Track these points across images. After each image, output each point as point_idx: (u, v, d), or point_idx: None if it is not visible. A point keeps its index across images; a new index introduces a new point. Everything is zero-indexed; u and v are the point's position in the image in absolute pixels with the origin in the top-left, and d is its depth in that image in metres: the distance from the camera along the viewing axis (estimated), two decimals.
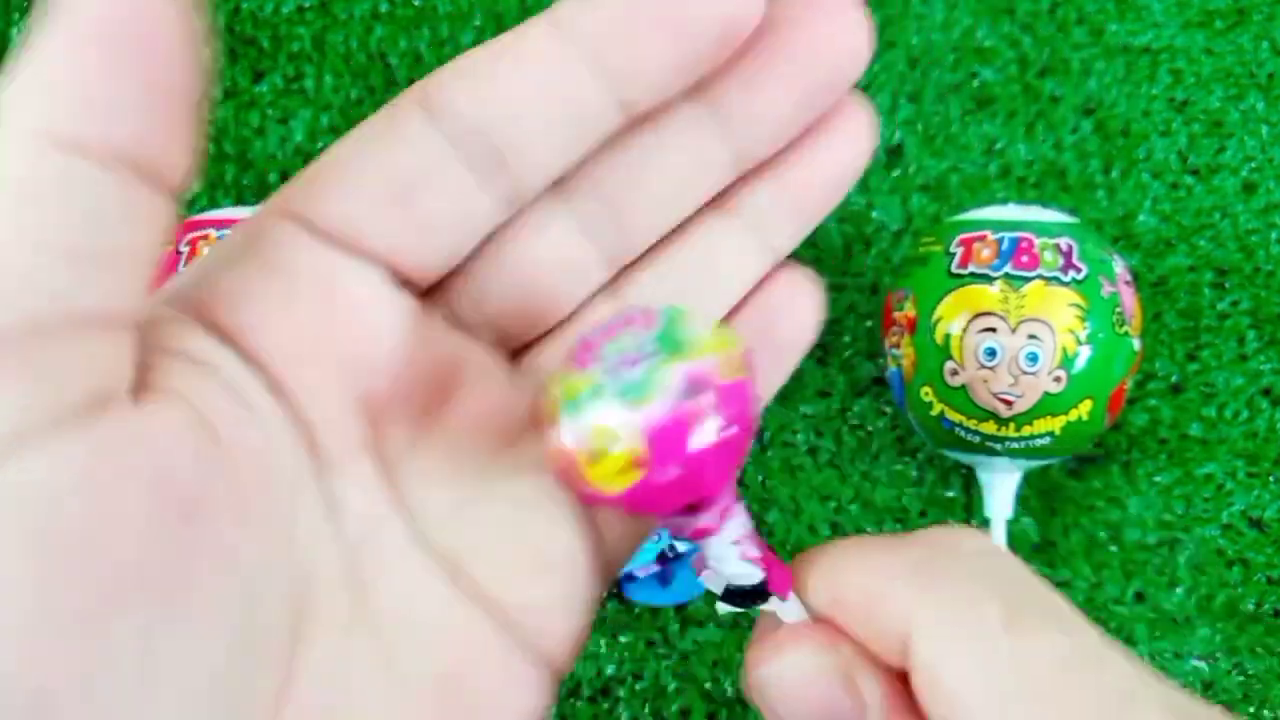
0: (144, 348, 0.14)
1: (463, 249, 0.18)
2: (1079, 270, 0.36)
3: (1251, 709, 0.42)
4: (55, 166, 0.12)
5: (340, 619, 0.15)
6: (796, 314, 0.20)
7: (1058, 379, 0.36)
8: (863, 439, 0.44)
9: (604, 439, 0.15)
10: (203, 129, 0.14)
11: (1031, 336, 0.36)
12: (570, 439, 0.15)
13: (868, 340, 0.45)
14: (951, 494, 0.44)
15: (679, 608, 0.42)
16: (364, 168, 0.16)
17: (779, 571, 0.17)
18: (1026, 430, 0.37)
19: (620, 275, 0.20)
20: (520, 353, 0.20)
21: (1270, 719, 0.42)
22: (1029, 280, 0.36)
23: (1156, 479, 0.44)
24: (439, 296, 0.18)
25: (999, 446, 0.38)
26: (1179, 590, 0.43)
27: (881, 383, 0.45)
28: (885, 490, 0.44)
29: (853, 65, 0.18)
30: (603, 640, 0.42)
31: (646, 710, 0.41)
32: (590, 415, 0.15)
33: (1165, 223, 0.47)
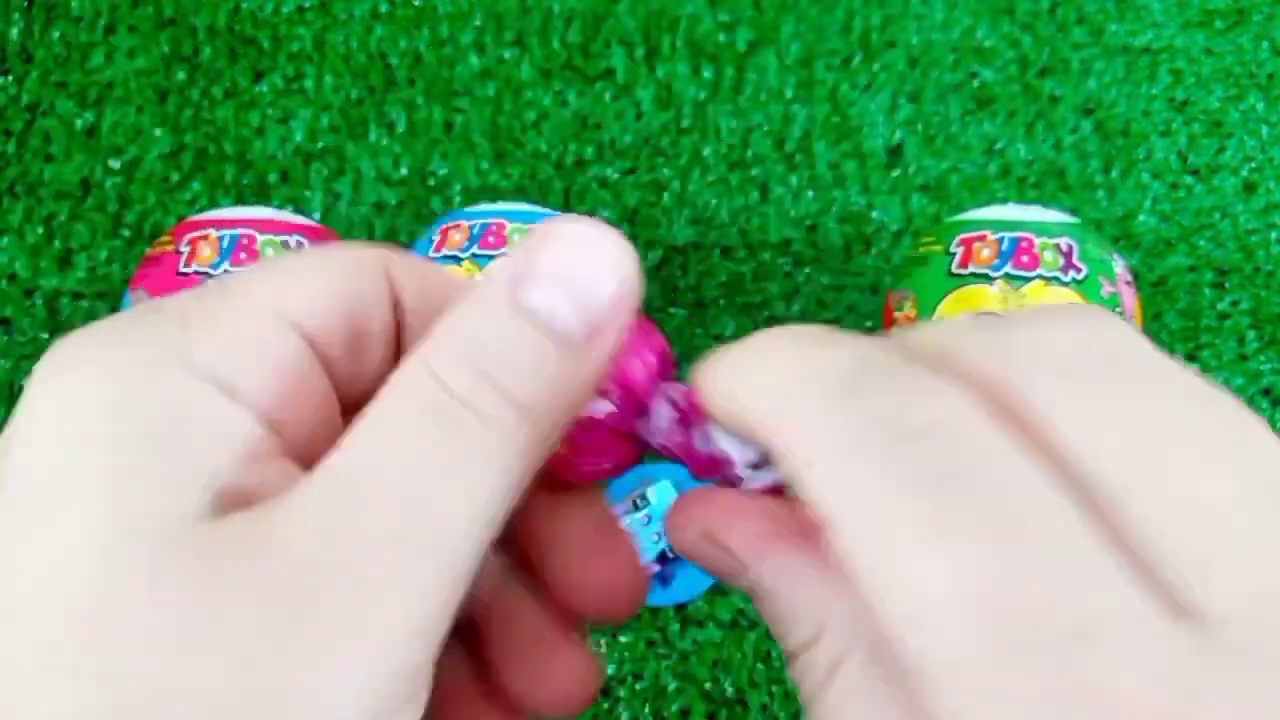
0: None
1: None
2: (1079, 270, 0.36)
3: None
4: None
5: None
6: None
7: None
8: None
9: None
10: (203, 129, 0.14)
11: None
12: None
13: None
14: None
15: (679, 608, 0.42)
16: None
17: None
18: None
19: None
20: None
21: None
22: (1029, 280, 0.36)
23: None
24: None
25: None
26: None
27: None
28: None
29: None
30: (603, 640, 0.42)
31: (646, 710, 0.41)
32: None
33: (1165, 223, 0.47)
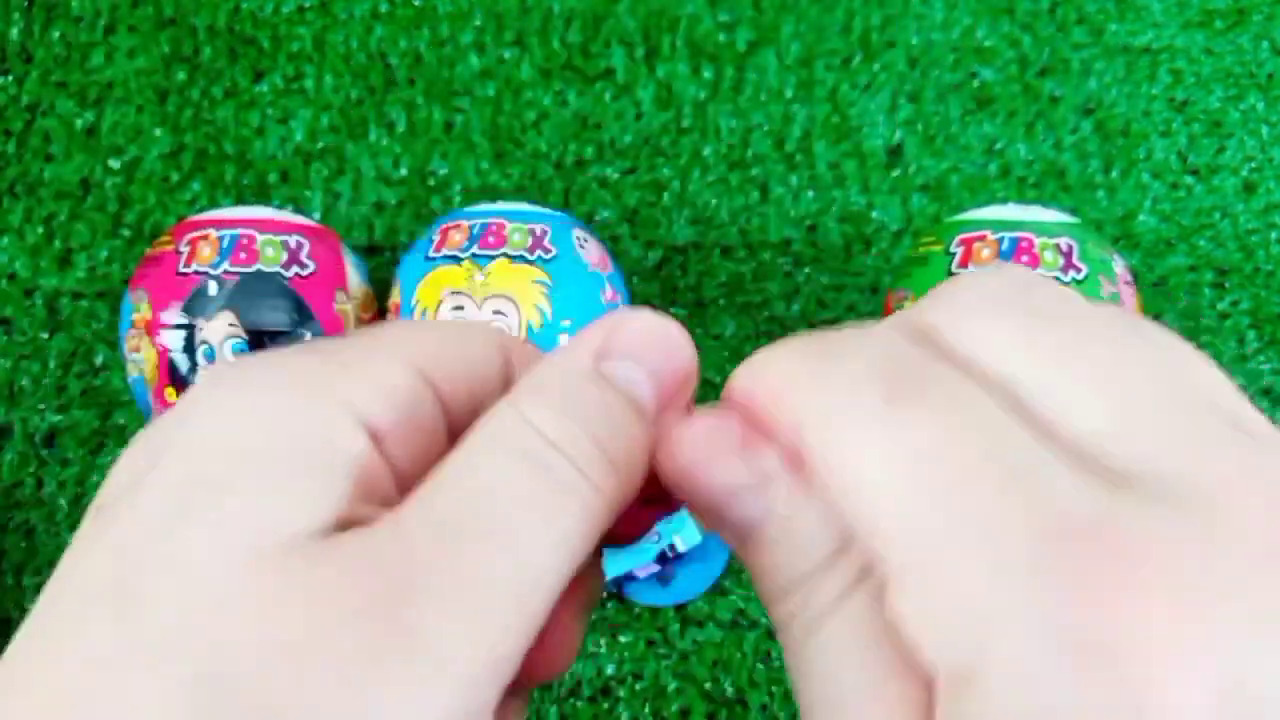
0: None
1: None
2: (1079, 270, 0.36)
3: None
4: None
5: None
6: None
7: None
8: None
9: None
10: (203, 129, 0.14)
11: None
12: None
13: None
14: None
15: (679, 608, 0.42)
16: None
17: None
18: None
19: None
20: None
21: None
22: None
23: None
24: None
25: None
26: None
27: None
28: None
29: None
30: (603, 640, 0.42)
31: (646, 710, 0.41)
32: None
33: (1165, 223, 0.47)
